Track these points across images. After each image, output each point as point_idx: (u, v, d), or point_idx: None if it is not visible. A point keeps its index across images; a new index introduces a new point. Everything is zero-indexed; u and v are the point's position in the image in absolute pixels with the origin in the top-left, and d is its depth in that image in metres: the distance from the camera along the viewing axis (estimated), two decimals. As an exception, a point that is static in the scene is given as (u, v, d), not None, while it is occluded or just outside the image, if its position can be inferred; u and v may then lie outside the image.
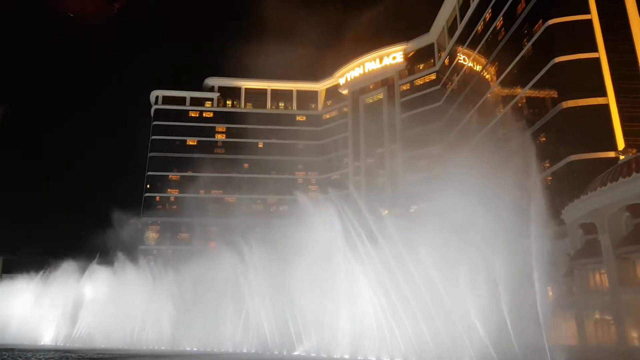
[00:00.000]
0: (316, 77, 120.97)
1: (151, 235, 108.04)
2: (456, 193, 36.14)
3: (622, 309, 37.05)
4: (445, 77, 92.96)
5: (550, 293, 41.83)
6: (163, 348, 62.51)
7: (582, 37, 52.63)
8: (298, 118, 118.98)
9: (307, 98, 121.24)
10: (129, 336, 67.23)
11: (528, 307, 31.53)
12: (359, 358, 39.90)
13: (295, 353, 47.51)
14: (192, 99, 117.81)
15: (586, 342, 38.80)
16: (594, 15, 52.94)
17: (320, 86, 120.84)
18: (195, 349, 60.11)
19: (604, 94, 50.25)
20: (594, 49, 51.91)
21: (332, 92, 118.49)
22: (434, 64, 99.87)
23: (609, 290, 38.72)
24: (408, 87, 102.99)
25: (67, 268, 78.10)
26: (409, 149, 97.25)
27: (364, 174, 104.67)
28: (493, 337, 31.59)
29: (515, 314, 31.65)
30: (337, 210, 42.62)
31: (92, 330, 71.12)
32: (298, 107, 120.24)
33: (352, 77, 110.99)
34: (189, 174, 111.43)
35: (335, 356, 42.57)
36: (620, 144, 47.33)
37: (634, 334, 37.14)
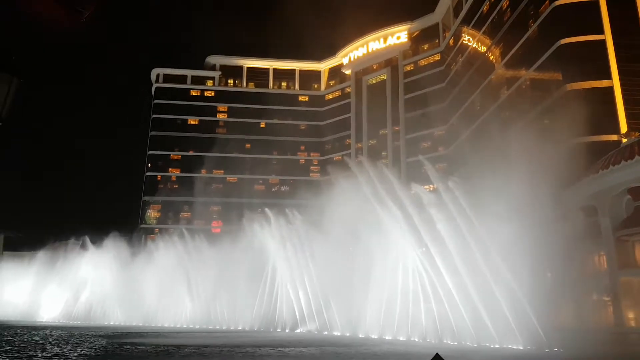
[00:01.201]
0: (319, 56, 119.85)
1: (152, 214, 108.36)
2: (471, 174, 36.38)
3: (620, 291, 37.57)
4: (449, 58, 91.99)
5: (549, 275, 42.39)
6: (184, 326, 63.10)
7: (588, 18, 51.98)
8: (300, 98, 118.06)
9: (309, 78, 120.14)
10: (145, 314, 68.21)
11: (529, 289, 31.91)
12: (386, 337, 40.06)
13: (324, 333, 48.02)
14: (193, 77, 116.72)
15: (584, 324, 39.37)
16: (601, -4, 52.23)
17: (323, 66, 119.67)
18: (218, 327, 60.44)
19: (608, 76, 49.90)
20: (600, 30, 51.32)
21: (335, 72, 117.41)
22: (439, 45, 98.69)
23: (608, 272, 39.19)
24: (412, 68, 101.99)
25: (67, 247, 79.15)
26: (411, 130, 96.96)
27: (366, 155, 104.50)
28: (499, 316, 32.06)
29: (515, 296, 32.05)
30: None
31: (94, 308, 72.18)
32: (300, 87, 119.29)
33: (356, 57, 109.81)
34: (191, 153, 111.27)
35: (360, 335, 42.89)
36: (624, 127, 47.21)
37: (631, 315, 37.74)
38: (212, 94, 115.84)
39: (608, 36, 50.94)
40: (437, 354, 12.34)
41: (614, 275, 38.17)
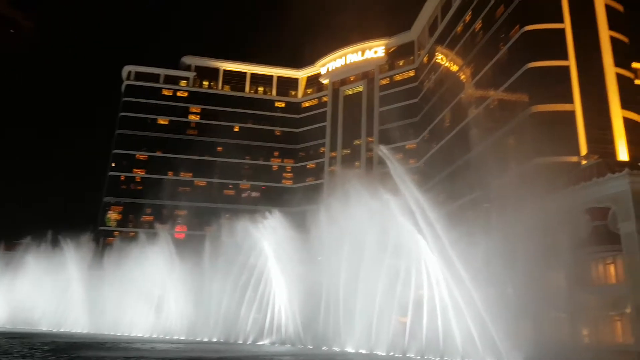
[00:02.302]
0: (298, 64, 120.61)
1: (113, 216, 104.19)
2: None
3: (576, 308, 38.89)
4: (423, 75, 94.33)
5: (509, 291, 43.49)
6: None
7: (555, 44, 54.61)
8: (277, 104, 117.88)
9: (287, 84, 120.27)
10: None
11: (481, 306, 32.60)
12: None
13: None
14: (166, 76, 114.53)
15: (542, 339, 40.46)
16: (567, 25, 54.97)
17: (301, 74, 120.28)
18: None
19: (571, 100, 52.35)
20: (565, 57, 53.98)
21: (313, 80, 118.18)
22: (414, 61, 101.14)
23: (566, 289, 40.55)
24: (387, 82, 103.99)
25: (20, 248, 75.66)
26: (384, 142, 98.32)
27: (339, 164, 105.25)
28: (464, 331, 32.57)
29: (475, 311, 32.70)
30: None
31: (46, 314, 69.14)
32: (277, 93, 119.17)
33: (334, 68, 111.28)
34: (158, 154, 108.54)
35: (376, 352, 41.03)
36: (584, 149, 49.38)
37: (585, 332, 39.12)
38: (186, 94, 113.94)
39: (572, 62, 53.61)
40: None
41: (572, 293, 39.50)
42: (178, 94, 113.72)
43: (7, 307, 72.17)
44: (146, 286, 61.65)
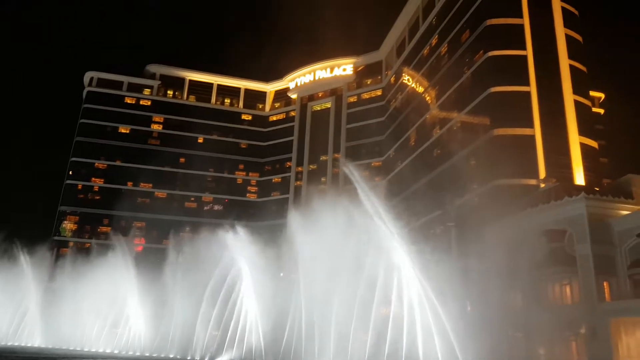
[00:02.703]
0: (266, 77, 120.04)
1: (68, 226, 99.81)
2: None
3: (533, 327, 39.54)
4: (390, 95, 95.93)
5: (469, 309, 43.90)
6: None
7: (516, 70, 56.78)
8: (243, 117, 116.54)
9: (254, 97, 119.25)
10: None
11: (446, 322, 32.57)
12: None
13: None
14: (130, 84, 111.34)
15: (499, 357, 40.84)
16: (529, 52, 57.35)
17: (269, 87, 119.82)
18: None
19: (531, 125, 54.23)
20: (527, 82, 56.08)
21: (281, 94, 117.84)
22: (381, 81, 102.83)
23: (523, 309, 41.25)
24: (355, 100, 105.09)
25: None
26: (351, 159, 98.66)
27: (305, 179, 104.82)
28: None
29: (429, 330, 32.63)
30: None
31: None
32: (245, 106, 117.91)
33: (302, 83, 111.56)
34: (118, 163, 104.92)
35: None
36: (542, 173, 51.01)
37: (541, 351, 39.77)
38: (149, 103, 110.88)
39: (533, 88, 55.78)
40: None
41: (529, 312, 40.19)
42: (141, 102, 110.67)
43: None
44: (101, 300, 58.90)
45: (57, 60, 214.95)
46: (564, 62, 57.19)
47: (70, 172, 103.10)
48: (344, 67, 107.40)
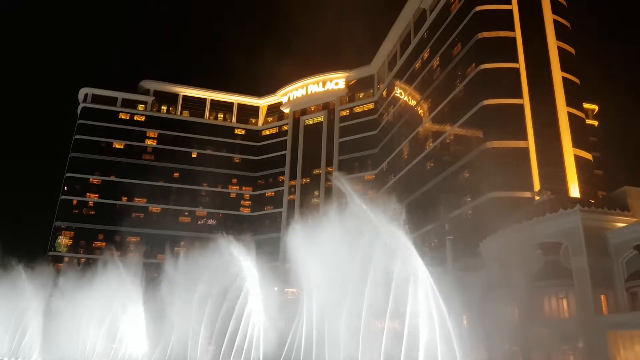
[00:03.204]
0: (259, 92, 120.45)
1: (64, 241, 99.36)
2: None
3: (529, 341, 39.03)
4: (382, 108, 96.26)
5: (465, 322, 43.32)
6: None
7: (509, 83, 57.06)
8: (237, 131, 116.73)
9: (247, 112, 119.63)
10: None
11: (453, 336, 31.97)
12: None
13: None
14: (124, 100, 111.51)
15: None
16: (521, 65, 57.71)
17: (262, 102, 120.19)
18: None
19: (525, 137, 54.29)
20: (519, 95, 56.34)
21: (274, 109, 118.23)
22: (373, 95, 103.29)
23: (519, 323, 40.76)
24: (347, 114, 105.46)
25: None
26: (344, 172, 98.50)
27: (299, 193, 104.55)
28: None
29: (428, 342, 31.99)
30: None
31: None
32: (238, 121, 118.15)
33: (295, 97, 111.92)
34: (112, 178, 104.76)
35: None
36: (537, 185, 50.93)
37: (539, 365, 39.18)
38: (143, 118, 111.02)
39: (526, 101, 55.98)
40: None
41: (525, 326, 39.71)
42: (135, 117, 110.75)
43: None
44: (97, 315, 58.47)
45: (52, 76, 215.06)
46: (557, 75, 57.50)
47: (65, 188, 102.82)
48: (336, 81, 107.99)
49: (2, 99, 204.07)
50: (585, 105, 69.74)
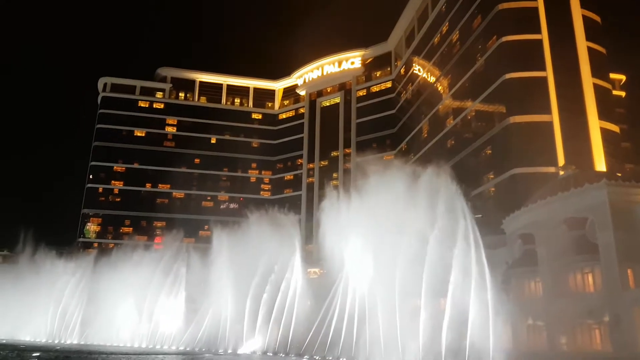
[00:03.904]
0: (274, 75, 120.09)
1: (92, 227, 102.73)
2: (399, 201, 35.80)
3: (553, 316, 38.84)
4: (400, 86, 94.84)
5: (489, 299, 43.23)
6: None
7: (532, 55, 55.33)
8: (254, 116, 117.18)
9: (264, 96, 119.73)
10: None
11: (466, 312, 32.00)
12: None
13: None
14: (142, 88, 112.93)
15: (519, 347, 40.31)
16: (544, 36, 55.80)
17: (278, 85, 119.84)
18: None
19: (548, 111, 52.90)
20: (542, 68, 54.67)
21: (290, 92, 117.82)
22: (390, 72, 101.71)
23: (543, 298, 40.54)
24: (364, 93, 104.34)
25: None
26: (362, 153, 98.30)
27: (317, 176, 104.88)
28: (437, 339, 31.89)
29: (453, 319, 32.06)
30: None
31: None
32: (254, 105, 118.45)
33: (310, 79, 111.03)
34: (135, 166, 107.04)
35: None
36: (561, 160, 49.85)
37: (563, 340, 39.07)
38: (162, 106, 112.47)
39: (550, 74, 54.28)
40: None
41: (549, 301, 39.47)
42: (154, 105, 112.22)
43: None
44: (131, 298, 60.15)
45: (73, 66, 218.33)
46: (582, 45, 55.42)
47: (91, 176, 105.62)
48: (352, 61, 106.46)
49: (27, 91, 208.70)
50: (612, 76, 67.22)
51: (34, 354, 38.96)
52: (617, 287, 35.57)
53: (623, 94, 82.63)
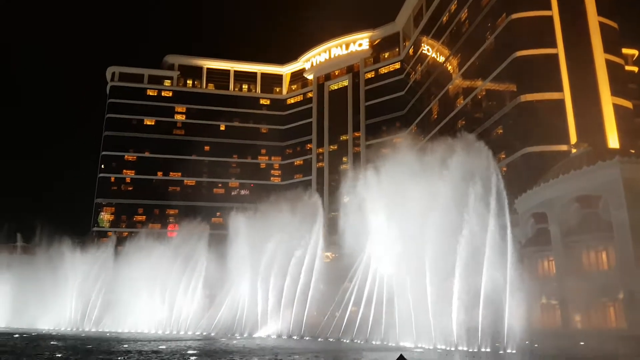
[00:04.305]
0: (281, 59, 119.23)
1: (105, 217, 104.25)
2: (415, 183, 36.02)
3: (567, 294, 39.03)
4: (409, 67, 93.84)
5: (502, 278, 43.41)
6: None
7: (542, 32, 54.29)
8: (262, 101, 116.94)
9: (271, 81, 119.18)
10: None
11: (480, 291, 32.24)
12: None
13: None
14: (150, 76, 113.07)
15: (533, 325, 40.60)
16: (555, 12, 54.66)
17: (285, 70, 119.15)
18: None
19: (560, 89, 52.18)
20: (553, 45, 53.68)
21: (297, 76, 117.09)
22: (399, 53, 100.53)
23: (556, 277, 40.70)
24: (373, 75, 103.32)
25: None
26: (371, 137, 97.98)
27: (327, 160, 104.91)
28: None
29: (468, 298, 32.35)
30: None
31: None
32: (262, 90, 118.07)
33: (318, 62, 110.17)
34: (146, 154, 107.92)
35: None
36: (573, 138, 49.36)
37: (577, 318, 39.33)
38: (170, 94, 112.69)
39: (561, 50, 53.33)
40: (400, 354, 12.42)
41: (562, 279, 39.62)
42: (163, 93, 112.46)
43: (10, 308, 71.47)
44: (148, 285, 60.98)
45: (80, 56, 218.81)
46: (593, 20, 54.26)
47: (102, 166, 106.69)
48: (359, 42, 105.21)
49: (37, 80, 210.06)
50: (624, 51, 65.85)
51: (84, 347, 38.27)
52: (631, 264, 35.58)
53: (636, 69, 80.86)
